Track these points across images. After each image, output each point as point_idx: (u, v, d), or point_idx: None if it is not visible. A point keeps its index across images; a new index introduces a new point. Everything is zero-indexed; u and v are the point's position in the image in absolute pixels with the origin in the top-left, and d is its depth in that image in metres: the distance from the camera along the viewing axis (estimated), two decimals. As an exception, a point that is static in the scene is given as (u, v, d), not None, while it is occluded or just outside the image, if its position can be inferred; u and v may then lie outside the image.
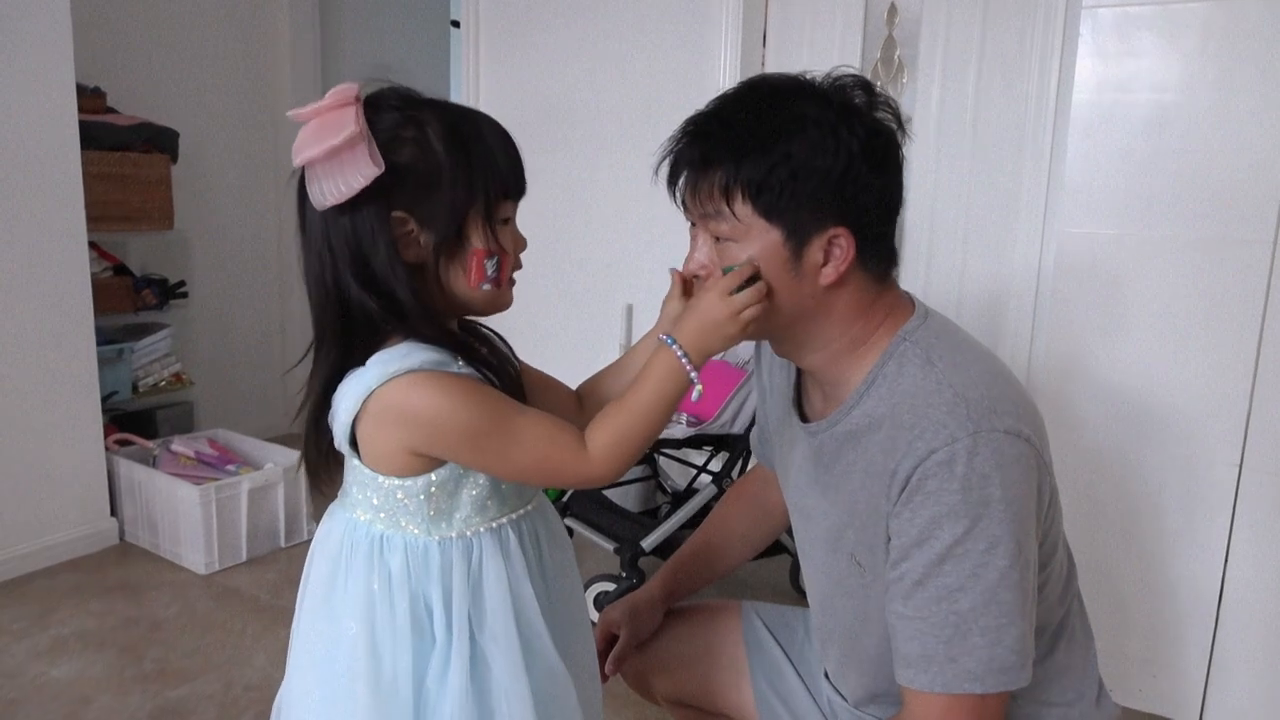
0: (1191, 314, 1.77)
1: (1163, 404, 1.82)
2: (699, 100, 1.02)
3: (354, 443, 0.89)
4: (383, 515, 0.92)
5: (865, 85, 0.94)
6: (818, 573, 1.10)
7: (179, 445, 2.73)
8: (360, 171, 0.83)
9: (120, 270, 2.93)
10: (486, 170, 0.90)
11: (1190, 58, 1.71)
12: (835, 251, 0.92)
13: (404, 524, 0.91)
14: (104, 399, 2.66)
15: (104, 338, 2.72)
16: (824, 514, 1.03)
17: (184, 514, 2.48)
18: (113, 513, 2.66)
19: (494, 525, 0.93)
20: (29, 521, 2.46)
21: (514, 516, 0.96)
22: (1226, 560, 1.81)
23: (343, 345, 0.89)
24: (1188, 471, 1.82)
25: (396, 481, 0.89)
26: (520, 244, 0.96)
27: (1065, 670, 1.04)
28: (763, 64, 2.72)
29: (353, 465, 0.92)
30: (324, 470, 0.96)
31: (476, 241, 0.90)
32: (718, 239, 0.95)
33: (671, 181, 0.98)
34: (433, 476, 0.89)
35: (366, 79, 0.90)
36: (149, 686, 1.94)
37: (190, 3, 3.20)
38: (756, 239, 0.92)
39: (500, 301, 0.96)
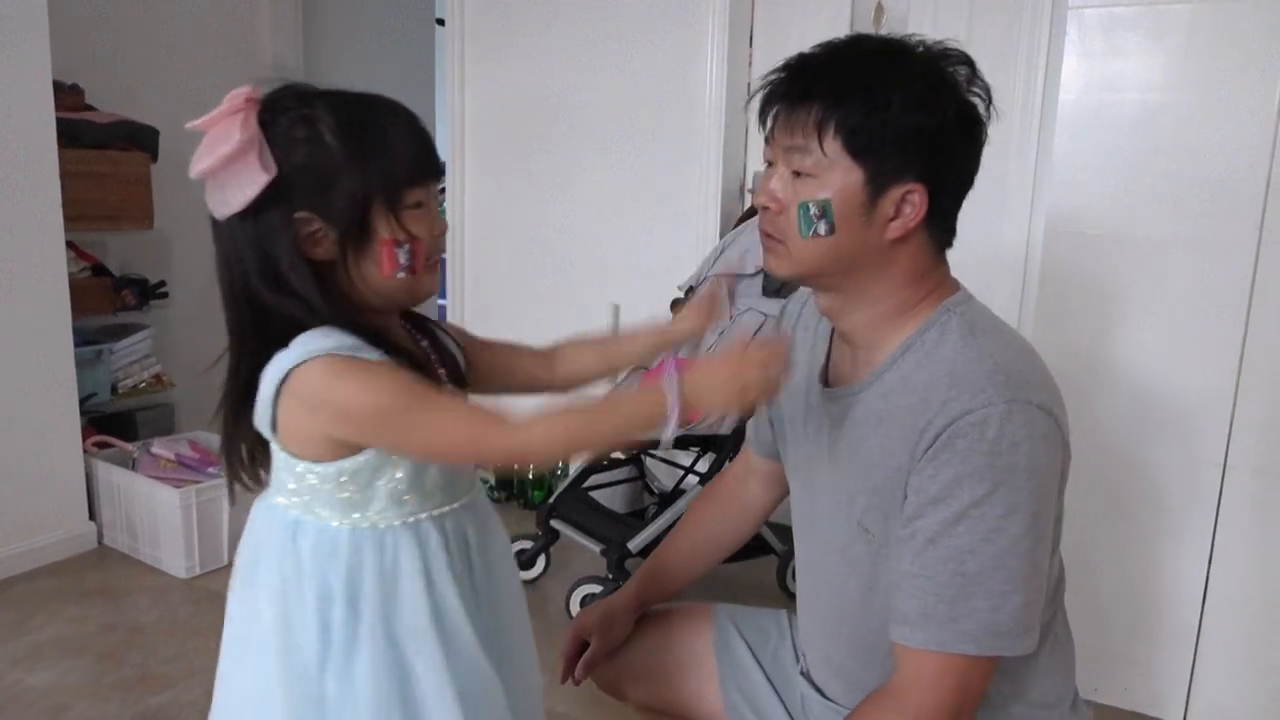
0: (1177, 313, 1.78)
1: (1149, 402, 1.82)
2: (686, 100, 1.03)
3: (275, 426, 0.89)
4: (297, 500, 0.92)
5: (968, 61, 0.97)
6: (821, 545, 1.10)
7: (159, 448, 2.69)
8: (252, 179, 0.84)
9: (99, 270, 2.89)
10: (383, 158, 0.87)
11: (1175, 57, 1.72)
12: (906, 208, 0.94)
13: (318, 510, 0.91)
14: (82, 401, 2.62)
15: (82, 339, 2.69)
16: (837, 481, 1.04)
17: (164, 517, 2.45)
18: (91, 516, 2.63)
19: (411, 520, 0.93)
20: (4, 525, 2.42)
21: (437, 513, 0.95)
22: (1211, 559, 1.82)
23: (263, 340, 0.89)
24: (1173, 470, 1.82)
25: (311, 466, 0.89)
26: (436, 228, 0.92)
27: (1048, 672, 1.05)
28: (749, 63, 2.72)
29: (274, 450, 0.92)
30: (247, 465, 0.97)
31: (384, 231, 0.88)
32: (797, 174, 0.96)
33: (764, 111, 0.99)
34: (346, 464, 0.89)
35: (263, 79, 0.90)
36: (129, 693, 1.91)
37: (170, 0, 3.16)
38: (838, 177, 0.94)
39: (420, 289, 0.93)
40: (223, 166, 0.84)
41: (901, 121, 0.92)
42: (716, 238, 2.70)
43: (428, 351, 1.01)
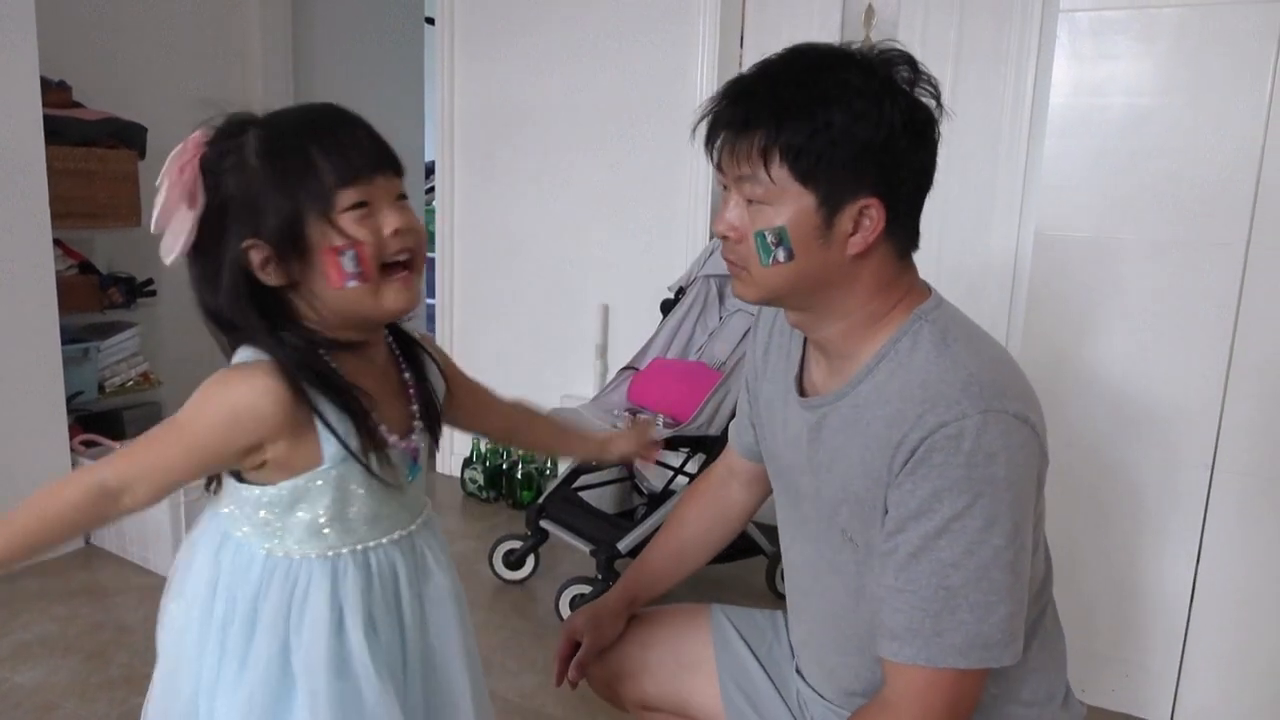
0: (1165, 316, 1.78)
1: (1137, 405, 1.83)
2: (677, 101, 1.03)
3: None
4: (232, 511, 0.94)
5: (909, 61, 0.95)
6: (807, 551, 1.10)
7: (146, 446, 2.67)
8: (183, 221, 0.86)
9: (86, 268, 2.87)
10: (302, 166, 0.84)
11: (1164, 61, 1.73)
12: (865, 222, 0.93)
13: (244, 528, 0.93)
14: (69, 399, 2.60)
15: (69, 337, 2.67)
16: (818, 490, 1.04)
17: (152, 517, 2.43)
18: (78, 515, 2.61)
19: (330, 554, 0.92)
20: (-10, 525, 2.39)
21: (360, 548, 0.94)
22: (1198, 560, 1.83)
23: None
24: (1161, 472, 1.83)
25: (238, 484, 0.92)
26: (389, 226, 0.86)
27: (1038, 670, 1.05)
28: (740, 65, 2.72)
29: None
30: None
31: (321, 240, 0.85)
32: (750, 201, 0.95)
33: (709, 141, 0.97)
34: (268, 490, 0.89)
35: (214, 117, 0.89)
36: (116, 692, 1.90)
37: (159, -4, 3.15)
38: (790, 203, 0.93)
39: (384, 300, 0.88)
40: (164, 216, 0.86)
41: (847, 139, 0.90)
42: (706, 238, 2.70)
43: (406, 383, 0.99)
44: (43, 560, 2.48)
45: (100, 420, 2.91)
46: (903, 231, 0.97)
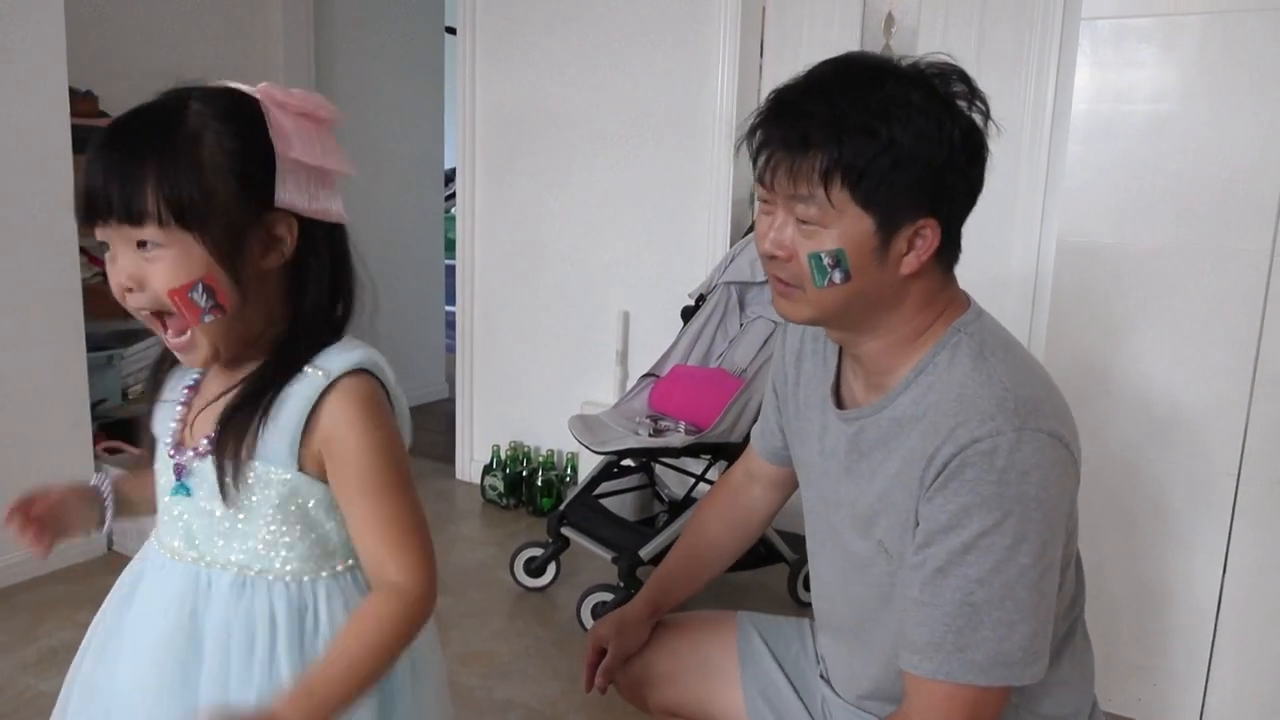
0: (1189, 322, 1.77)
1: (1161, 412, 1.82)
2: (697, 107, 1.01)
3: None
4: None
5: (964, 76, 0.94)
6: (839, 559, 1.09)
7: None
8: None
9: (110, 276, 2.89)
10: None
11: (1187, 68, 1.72)
12: (919, 241, 0.92)
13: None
14: (93, 406, 2.63)
15: (94, 344, 2.69)
16: (855, 500, 1.03)
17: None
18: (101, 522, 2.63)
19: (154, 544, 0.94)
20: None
21: (153, 540, 0.94)
22: (1225, 568, 1.81)
23: None
24: (1186, 479, 1.82)
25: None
26: (114, 279, 0.84)
27: (1064, 683, 1.05)
28: (760, 72, 2.73)
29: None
30: None
31: None
32: (803, 221, 0.92)
33: (763, 159, 0.94)
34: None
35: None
36: (140, 698, 1.91)
37: (184, 7, 3.18)
38: (847, 225, 0.91)
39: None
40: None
41: (910, 160, 0.88)
42: (726, 245, 2.70)
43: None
44: (66, 566, 2.51)
45: (124, 427, 2.93)
46: (953, 246, 0.97)
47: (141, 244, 0.81)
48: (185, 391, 0.94)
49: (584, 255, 3.04)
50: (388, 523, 0.85)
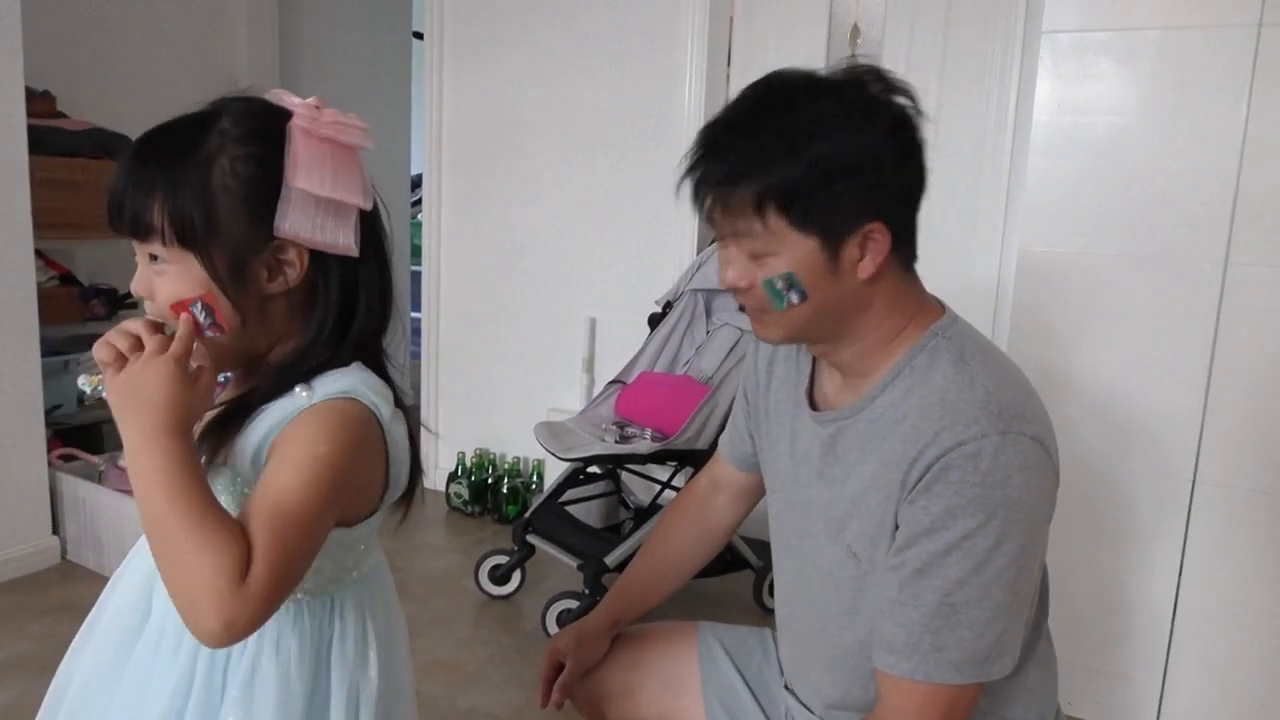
0: (1147, 331, 1.81)
1: (1120, 419, 1.85)
2: (664, 115, 1.02)
3: None
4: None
5: (877, 73, 0.94)
6: (804, 565, 1.09)
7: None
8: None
9: (67, 279, 2.84)
10: None
11: (1145, 82, 1.76)
12: (870, 246, 0.93)
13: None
14: (48, 412, 2.57)
15: (49, 349, 2.63)
16: (828, 504, 1.03)
17: (131, 532, 2.40)
18: (55, 530, 2.57)
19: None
20: (-34, 539, 2.36)
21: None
22: (1181, 572, 1.85)
23: None
24: (1145, 484, 1.85)
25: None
26: (136, 284, 0.85)
27: (1031, 690, 1.05)
28: (728, 81, 2.75)
29: None
30: None
31: None
32: (752, 254, 0.94)
33: (698, 199, 0.96)
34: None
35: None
36: (94, 711, 1.87)
37: (145, 6, 3.13)
38: (792, 248, 0.92)
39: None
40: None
41: (836, 172, 0.89)
42: (694, 252, 2.71)
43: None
44: (17, 577, 2.45)
45: (79, 434, 2.87)
46: (905, 244, 0.97)
47: (154, 256, 0.82)
48: None
49: (551, 262, 3.03)
50: (273, 541, 0.74)
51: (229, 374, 0.92)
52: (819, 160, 0.88)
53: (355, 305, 0.87)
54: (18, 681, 1.97)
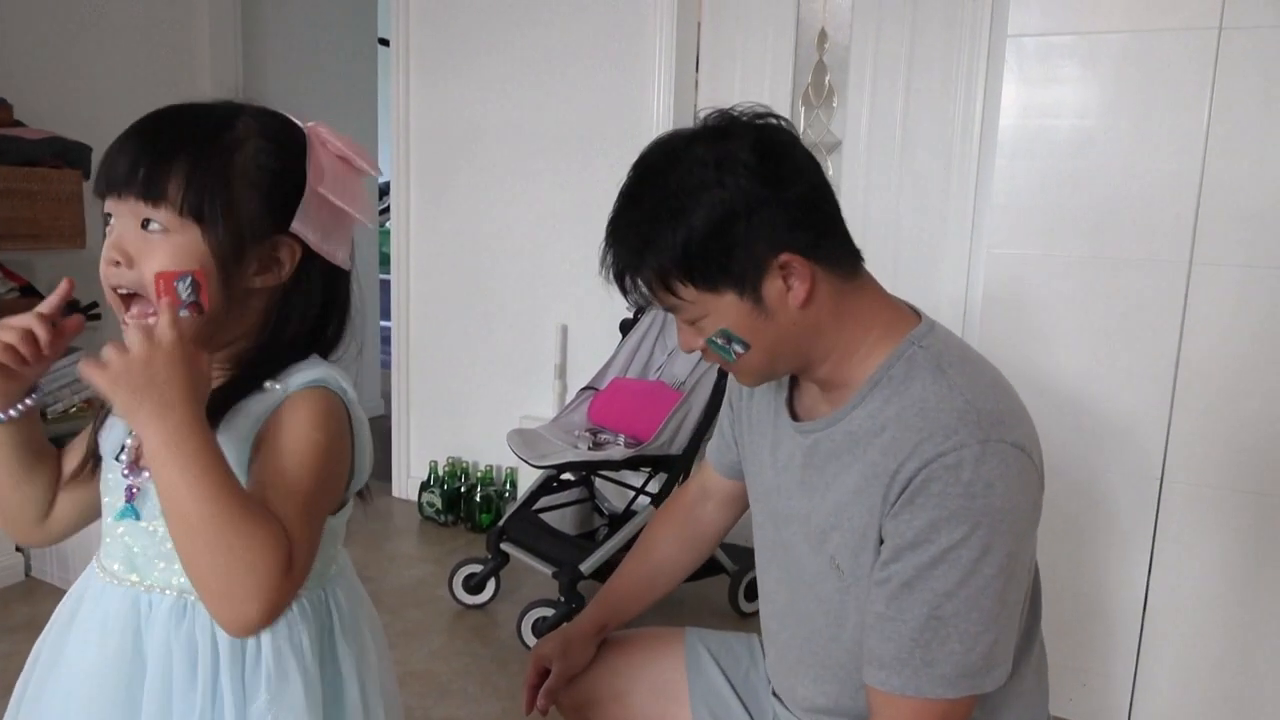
0: (1113, 332, 1.83)
1: (1088, 419, 1.87)
2: (633, 122, 1.02)
3: None
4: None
5: (721, 115, 0.96)
6: (788, 576, 1.09)
7: (91, 475, 2.59)
8: None
9: (27, 291, 2.78)
10: None
11: (1109, 85, 1.78)
12: (791, 277, 0.93)
13: None
14: (8, 427, 2.52)
15: (9, 362, 2.58)
16: (809, 515, 1.03)
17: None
18: (18, 547, 2.52)
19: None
20: (-76, 559, 2.30)
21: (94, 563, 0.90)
22: (1150, 569, 1.87)
23: None
24: (1114, 483, 1.87)
25: None
26: (104, 248, 0.81)
27: (1025, 694, 1.06)
28: (696, 88, 2.75)
29: None
30: None
31: None
32: (687, 321, 0.98)
33: (620, 288, 0.99)
34: None
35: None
36: (58, 732, 1.82)
37: (105, 13, 3.08)
38: (714, 308, 0.94)
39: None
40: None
41: (718, 229, 0.90)
42: (665, 258, 2.71)
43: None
44: (-20, 595, 2.39)
45: (41, 448, 2.82)
46: (831, 255, 0.95)
47: (146, 222, 0.80)
48: None
49: (521, 269, 3.02)
50: (302, 527, 0.77)
51: None
52: (696, 226, 0.90)
53: (329, 314, 0.90)
54: (-21, 704, 1.92)
